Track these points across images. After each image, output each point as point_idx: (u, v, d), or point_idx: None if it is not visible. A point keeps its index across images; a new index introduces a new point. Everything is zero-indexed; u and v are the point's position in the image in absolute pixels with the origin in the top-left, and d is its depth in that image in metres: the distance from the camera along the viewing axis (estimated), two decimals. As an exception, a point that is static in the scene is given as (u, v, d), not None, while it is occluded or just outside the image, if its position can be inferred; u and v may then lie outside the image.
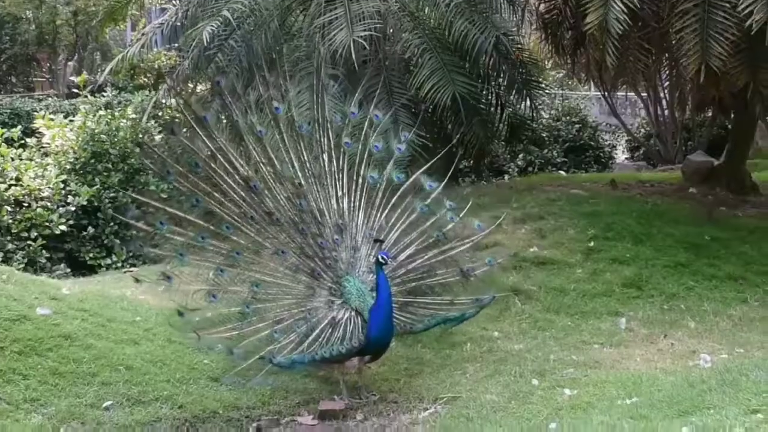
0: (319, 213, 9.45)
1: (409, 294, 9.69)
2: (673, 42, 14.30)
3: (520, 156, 24.14)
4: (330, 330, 9.02)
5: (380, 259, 8.83)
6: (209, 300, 9.26)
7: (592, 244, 13.58)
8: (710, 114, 23.40)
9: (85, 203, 14.67)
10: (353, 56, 13.18)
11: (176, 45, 19.04)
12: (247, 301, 9.15)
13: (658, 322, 11.56)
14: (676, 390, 7.64)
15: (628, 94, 26.11)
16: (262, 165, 9.52)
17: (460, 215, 10.07)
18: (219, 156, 9.47)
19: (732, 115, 19.92)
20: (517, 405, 8.49)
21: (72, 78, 24.48)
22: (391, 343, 9.34)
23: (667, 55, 16.90)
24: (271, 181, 9.50)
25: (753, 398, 6.52)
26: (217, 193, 9.46)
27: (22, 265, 13.63)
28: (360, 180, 9.76)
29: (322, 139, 9.73)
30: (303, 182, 9.50)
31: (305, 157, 9.61)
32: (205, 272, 9.40)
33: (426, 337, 10.39)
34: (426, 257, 9.75)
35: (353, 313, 9.09)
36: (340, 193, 9.63)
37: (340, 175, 9.69)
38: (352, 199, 9.68)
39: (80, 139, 15.54)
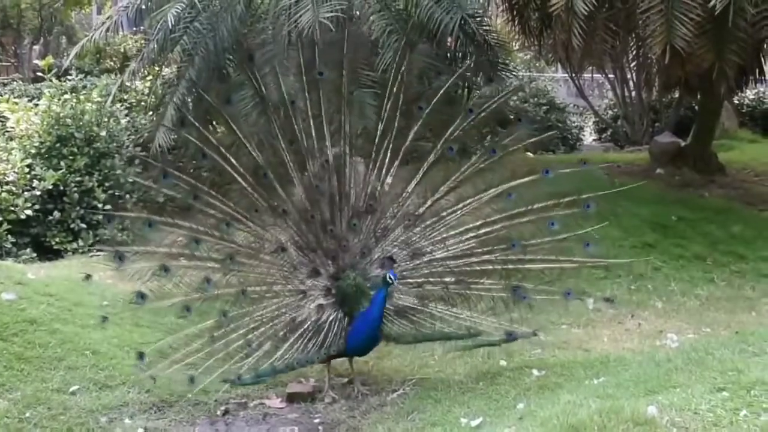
0: (341, 195, 8.85)
1: (423, 298, 8.98)
2: (639, 22, 14.33)
3: (488, 138, 24.09)
4: (310, 335, 8.63)
5: (387, 279, 8.26)
6: (183, 314, 8.63)
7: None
8: (677, 95, 23.50)
9: (50, 187, 14.53)
10: (318, 38, 13.11)
11: (142, 28, 18.90)
12: (227, 310, 8.58)
13: (625, 303, 11.65)
14: (643, 369, 7.67)
15: (596, 75, 26.17)
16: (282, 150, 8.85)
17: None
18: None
19: (698, 96, 20.02)
20: (485, 386, 8.50)
21: (37, 62, 24.24)
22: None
23: (633, 35, 16.97)
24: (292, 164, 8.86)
25: (719, 376, 6.55)
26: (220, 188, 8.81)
27: (-14, 251, 13.57)
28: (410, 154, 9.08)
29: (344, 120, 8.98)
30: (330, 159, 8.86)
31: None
32: (190, 278, 8.72)
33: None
34: (478, 260, 8.94)
35: (341, 315, 8.72)
36: (377, 170, 8.93)
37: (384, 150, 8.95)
38: (394, 175, 8.97)
39: (45, 122, 15.38)
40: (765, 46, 16.64)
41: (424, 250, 8.92)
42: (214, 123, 10.03)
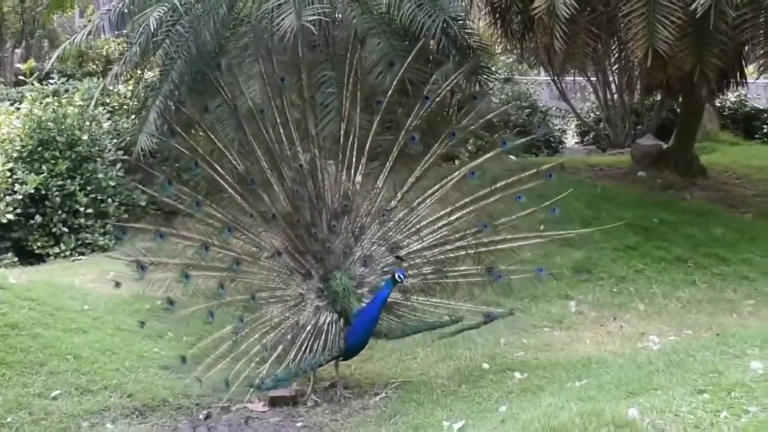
0: (318, 198, 8.96)
1: (405, 292, 9.03)
2: (621, 26, 14.37)
3: (470, 140, 24.08)
4: (312, 338, 8.74)
5: (396, 278, 8.37)
6: (208, 319, 8.86)
7: (541, 228, 13.63)
8: (659, 98, 23.54)
9: (32, 191, 14.48)
10: (300, 41, 13.10)
11: (124, 32, 18.84)
12: (242, 314, 8.80)
13: (607, 305, 11.68)
14: (625, 371, 7.68)
15: (578, 78, 26.19)
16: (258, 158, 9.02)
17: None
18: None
19: (680, 99, 20.07)
20: (467, 389, 8.49)
21: (19, 65, 24.13)
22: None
23: (615, 38, 17.01)
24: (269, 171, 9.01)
25: (699, 379, 6.56)
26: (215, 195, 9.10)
27: (-32, 255, 13.54)
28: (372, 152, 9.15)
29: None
30: (304, 164, 8.98)
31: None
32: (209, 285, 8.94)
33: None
34: (452, 248, 9.05)
35: (336, 316, 8.81)
36: (347, 170, 9.04)
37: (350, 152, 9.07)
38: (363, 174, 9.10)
39: (27, 126, 15.34)
40: (746, 49, 16.70)
41: (401, 244, 9.03)
42: (196, 127, 10.03)
